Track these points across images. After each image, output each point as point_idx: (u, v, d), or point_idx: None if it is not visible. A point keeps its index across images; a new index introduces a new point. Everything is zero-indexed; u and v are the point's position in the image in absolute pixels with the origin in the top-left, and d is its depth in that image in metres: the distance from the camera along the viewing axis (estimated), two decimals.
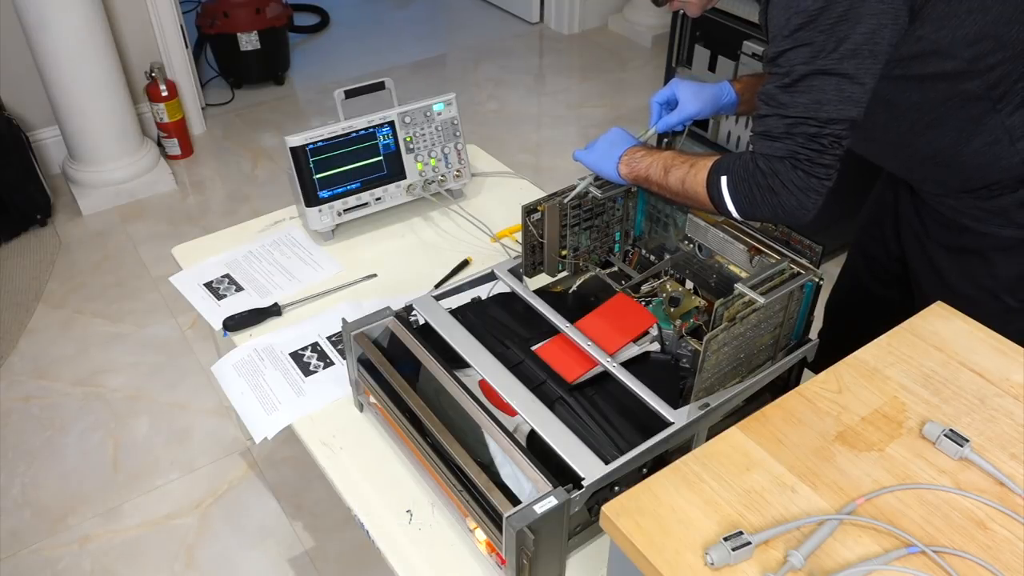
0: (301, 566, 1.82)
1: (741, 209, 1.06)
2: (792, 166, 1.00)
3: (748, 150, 1.05)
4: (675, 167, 1.12)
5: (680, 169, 1.11)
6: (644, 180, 1.17)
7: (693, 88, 1.26)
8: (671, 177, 1.12)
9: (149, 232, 2.85)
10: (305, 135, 1.56)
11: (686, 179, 1.10)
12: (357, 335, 1.20)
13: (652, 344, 1.21)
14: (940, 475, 0.87)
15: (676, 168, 1.11)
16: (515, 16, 4.41)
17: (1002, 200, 1.15)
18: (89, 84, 2.74)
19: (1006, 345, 1.03)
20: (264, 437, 1.27)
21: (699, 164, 1.09)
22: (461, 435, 1.06)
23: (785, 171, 1.00)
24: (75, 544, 1.87)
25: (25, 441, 2.10)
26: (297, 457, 2.04)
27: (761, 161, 1.02)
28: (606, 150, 1.21)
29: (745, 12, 2.30)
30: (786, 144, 1.00)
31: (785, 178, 1.00)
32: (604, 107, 3.60)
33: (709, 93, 1.26)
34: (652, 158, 1.15)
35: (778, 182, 1.01)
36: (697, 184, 1.08)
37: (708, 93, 1.26)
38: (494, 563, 1.03)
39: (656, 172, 1.14)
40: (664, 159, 1.14)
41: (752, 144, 1.05)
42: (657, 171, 1.14)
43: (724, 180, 1.05)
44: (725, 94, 1.29)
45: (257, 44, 3.54)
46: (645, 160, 1.16)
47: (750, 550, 0.78)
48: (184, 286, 1.57)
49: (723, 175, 1.06)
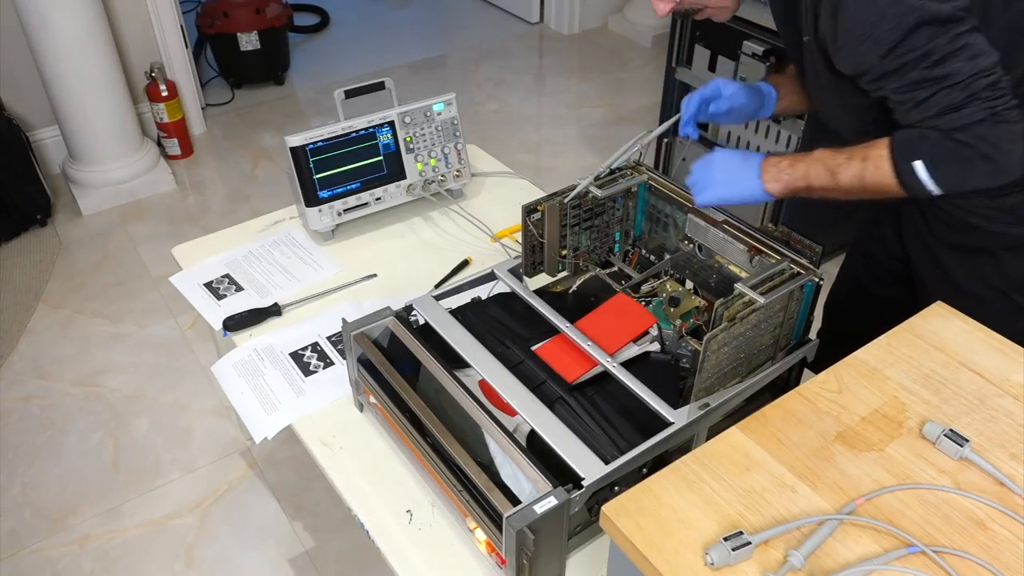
0: (301, 566, 1.82)
1: (950, 186, 1.04)
2: (995, 122, 0.99)
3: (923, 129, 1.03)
4: (842, 167, 1.09)
5: (850, 168, 1.08)
6: (805, 190, 1.13)
7: (737, 84, 1.26)
8: (842, 178, 1.09)
9: (149, 232, 2.85)
10: (305, 135, 1.56)
11: (864, 176, 1.07)
12: (357, 335, 1.20)
13: (652, 344, 1.21)
14: (940, 475, 0.87)
15: (843, 168, 1.09)
16: (515, 16, 4.41)
17: (1012, 198, 1.15)
18: (89, 84, 2.74)
19: (1006, 345, 1.03)
20: (264, 437, 1.27)
21: (871, 157, 1.07)
22: (461, 435, 1.06)
23: (991, 131, 0.99)
24: (75, 544, 1.87)
25: (25, 441, 2.10)
26: (297, 457, 2.04)
27: (960, 135, 1.00)
28: (734, 175, 1.15)
29: (745, 12, 2.30)
30: (976, 106, 0.99)
31: (995, 137, 0.99)
32: (604, 107, 3.60)
33: (753, 88, 1.26)
34: (804, 164, 1.11)
35: (989, 145, 1.00)
36: (882, 177, 1.06)
37: (752, 88, 1.26)
38: (494, 563, 1.03)
39: (820, 177, 1.10)
40: (821, 162, 1.10)
41: (929, 125, 1.02)
42: (820, 176, 1.10)
43: (920, 165, 1.03)
44: (767, 91, 1.28)
45: (257, 44, 3.54)
46: (797, 169, 1.12)
47: (750, 550, 0.78)
48: (184, 286, 1.57)
49: (916, 160, 1.03)
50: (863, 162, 1.08)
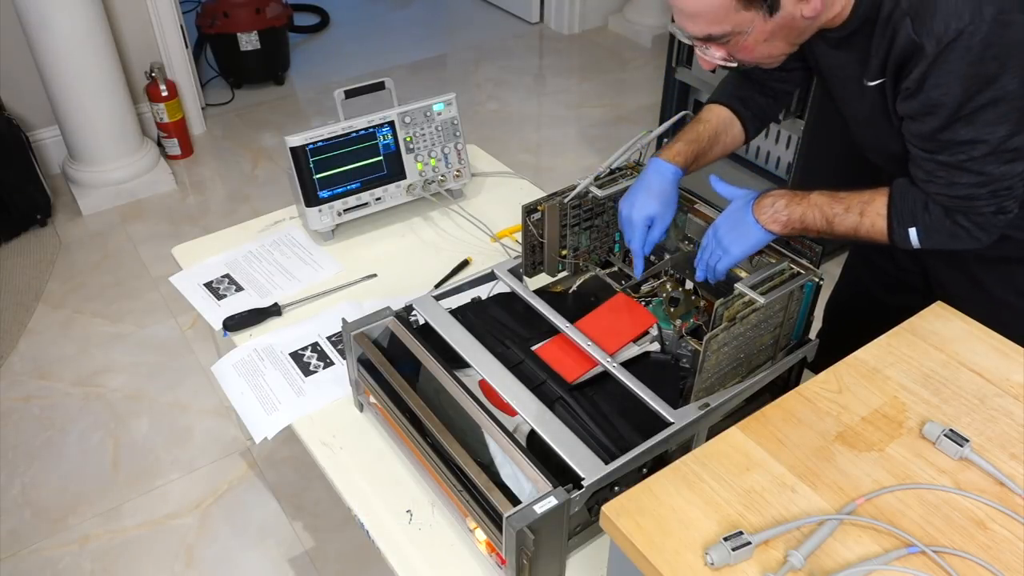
0: (301, 566, 1.82)
1: (932, 247, 1.09)
2: (994, 214, 1.04)
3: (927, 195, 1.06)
4: (838, 218, 1.10)
5: (847, 219, 1.10)
6: (800, 231, 1.14)
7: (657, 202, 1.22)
8: (838, 228, 1.11)
9: (149, 232, 2.85)
10: (305, 135, 1.56)
11: (859, 230, 1.10)
12: (357, 335, 1.20)
13: (652, 344, 1.21)
14: (940, 475, 0.87)
15: (840, 219, 1.10)
16: (515, 16, 4.41)
17: None
18: (89, 84, 2.74)
19: (1006, 345, 1.03)
20: (264, 437, 1.27)
21: (868, 214, 1.09)
22: (461, 435, 1.06)
23: (990, 221, 1.05)
24: (75, 544, 1.87)
25: (25, 441, 2.10)
26: (297, 457, 2.04)
27: (962, 219, 1.05)
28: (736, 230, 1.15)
29: None
30: (988, 200, 1.03)
31: (990, 226, 1.05)
32: (604, 107, 3.60)
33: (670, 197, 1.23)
34: (801, 208, 1.12)
35: (982, 231, 1.05)
36: (876, 233, 1.09)
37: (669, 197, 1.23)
38: (494, 563, 1.03)
39: (816, 222, 1.11)
40: (818, 208, 1.11)
41: (938, 196, 1.05)
42: (816, 222, 1.11)
43: (914, 232, 1.07)
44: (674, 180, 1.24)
45: (257, 44, 3.54)
46: (794, 212, 1.12)
47: (750, 550, 0.78)
48: (184, 286, 1.57)
49: (911, 227, 1.07)
50: (860, 217, 1.09)
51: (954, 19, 0.93)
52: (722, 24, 1.00)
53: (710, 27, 1.01)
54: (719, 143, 1.30)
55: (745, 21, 1.00)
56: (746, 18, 0.99)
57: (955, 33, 0.93)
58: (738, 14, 0.99)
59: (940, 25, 0.93)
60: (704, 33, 1.03)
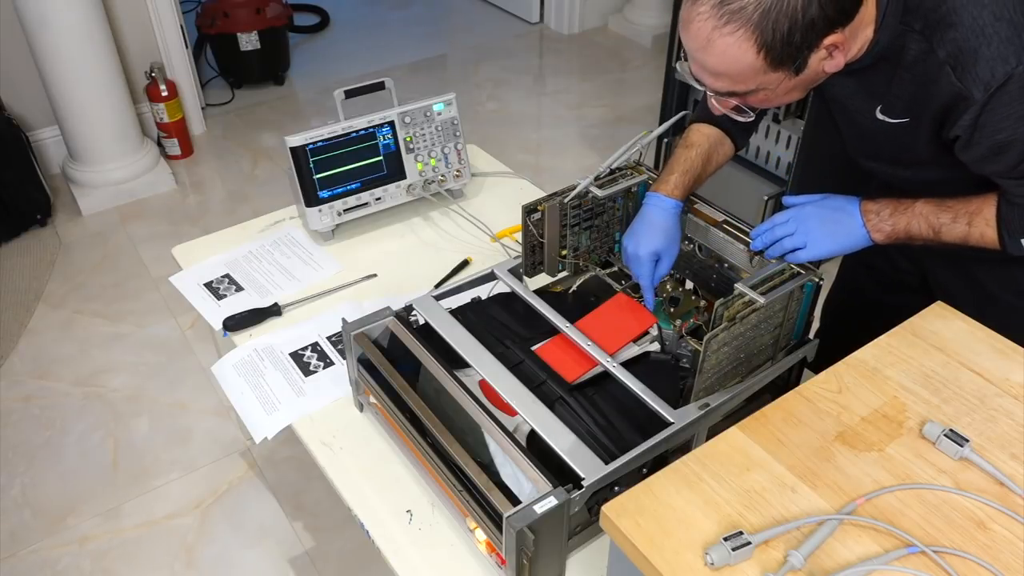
0: (301, 566, 1.82)
1: None
2: None
3: None
4: (945, 228, 1.10)
5: (954, 229, 1.10)
6: (905, 240, 1.13)
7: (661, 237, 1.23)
8: (945, 237, 1.10)
9: (149, 232, 2.85)
10: (305, 135, 1.56)
11: (968, 239, 1.10)
12: (357, 335, 1.20)
13: (652, 344, 1.21)
14: (940, 475, 0.87)
15: (947, 228, 1.10)
16: (515, 16, 4.41)
17: None
18: (89, 84, 2.74)
19: (1006, 345, 1.03)
20: (264, 437, 1.27)
21: (976, 224, 1.08)
22: (461, 435, 1.06)
23: None
24: (75, 544, 1.87)
25: (25, 441, 2.10)
26: (297, 457, 2.04)
27: None
28: (836, 226, 1.13)
29: None
30: None
31: None
32: (604, 107, 3.60)
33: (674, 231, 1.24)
34: (907, 218, 1.11)
35: None
36: (985, 242, 1.09)
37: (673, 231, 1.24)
38: (494, 563, 1.03)
39: (921, 232, 1.11)
40: (924, 218, 1.10)
41: None
42: (922, 232, 1.11)
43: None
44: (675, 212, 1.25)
45: (257, 44, 3.54)
46: (899, 221, 1.12)
47: (750, 550, 0.78)
48: (184, 286, 1.57)
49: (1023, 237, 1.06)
50: (968, 227, 1.09)
51: (1000, 64, 0.93)
52: (747, 84, 0.99)
53: (734, 86, 1.00)
54: (712, 163, 1.30)
55: (771, 81, 0.99)
56: (773, 79, 0.98)
57: (1004, 77, 0.93)
58: (765, 75, 0.97)
59: (986, 72, 0.94)
60: (727, 90, 1.02)
